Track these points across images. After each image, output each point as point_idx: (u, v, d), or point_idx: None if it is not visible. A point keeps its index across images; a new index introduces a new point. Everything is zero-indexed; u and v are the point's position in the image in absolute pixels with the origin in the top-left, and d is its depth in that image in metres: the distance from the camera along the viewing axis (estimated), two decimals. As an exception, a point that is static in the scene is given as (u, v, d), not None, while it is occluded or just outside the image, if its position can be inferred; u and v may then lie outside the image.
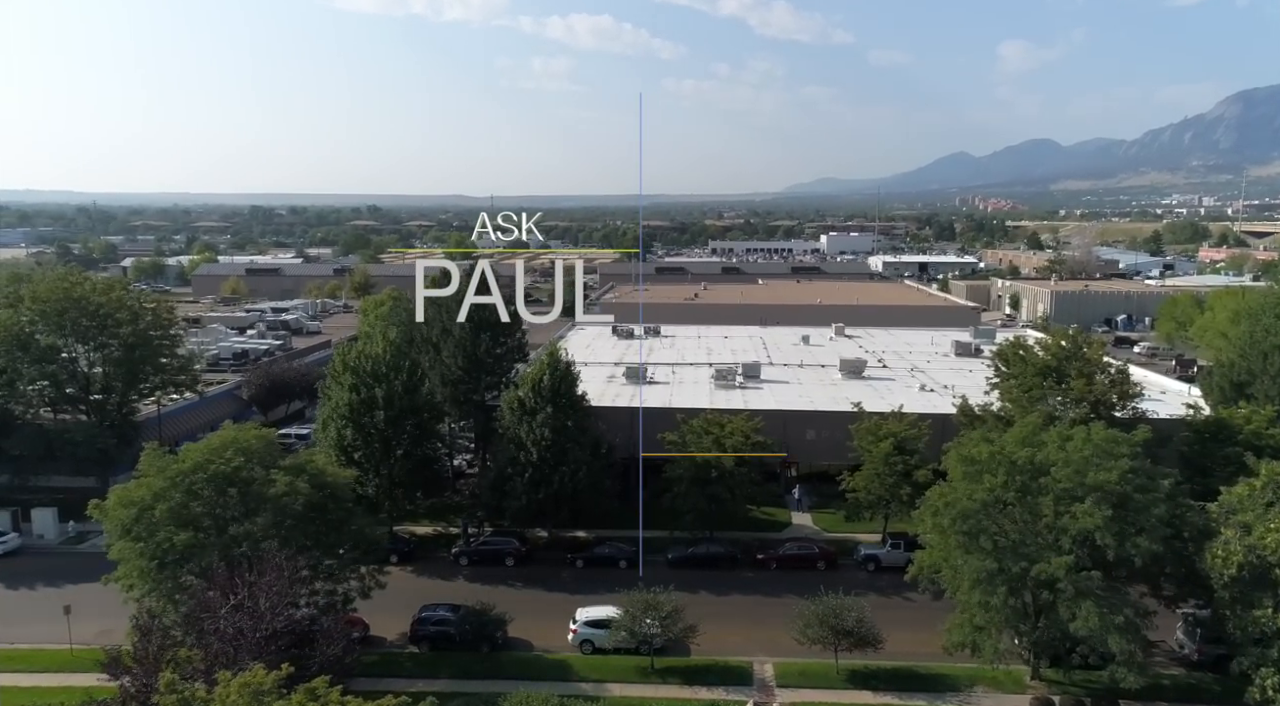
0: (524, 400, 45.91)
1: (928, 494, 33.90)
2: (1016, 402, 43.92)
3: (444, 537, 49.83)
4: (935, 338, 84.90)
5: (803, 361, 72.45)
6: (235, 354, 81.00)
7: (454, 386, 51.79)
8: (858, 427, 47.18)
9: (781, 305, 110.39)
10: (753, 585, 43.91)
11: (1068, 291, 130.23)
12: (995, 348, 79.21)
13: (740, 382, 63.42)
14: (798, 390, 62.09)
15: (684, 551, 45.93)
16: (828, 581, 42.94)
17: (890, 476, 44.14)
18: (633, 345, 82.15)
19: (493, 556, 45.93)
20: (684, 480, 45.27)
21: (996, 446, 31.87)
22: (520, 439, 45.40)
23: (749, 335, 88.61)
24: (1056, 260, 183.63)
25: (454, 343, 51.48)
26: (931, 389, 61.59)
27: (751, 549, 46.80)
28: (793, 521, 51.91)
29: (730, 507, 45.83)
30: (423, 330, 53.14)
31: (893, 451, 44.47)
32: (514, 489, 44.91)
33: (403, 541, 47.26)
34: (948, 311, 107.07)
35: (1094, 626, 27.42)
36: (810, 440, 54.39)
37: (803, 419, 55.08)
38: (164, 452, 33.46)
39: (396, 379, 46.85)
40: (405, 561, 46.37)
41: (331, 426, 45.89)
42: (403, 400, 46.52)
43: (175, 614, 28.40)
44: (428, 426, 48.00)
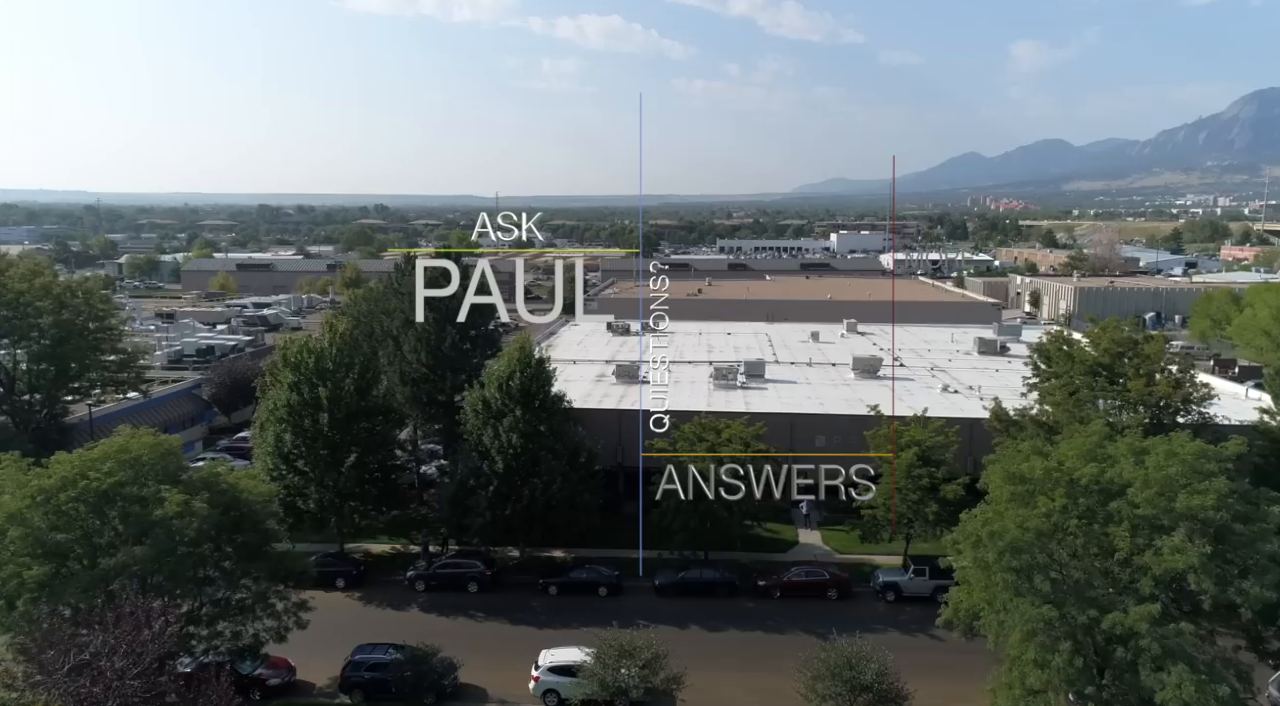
0: (489, 401, 39.87)
1: (964, 518, 27.67)
2: (1060, 406, 37.64)
3: (403, 557, 43.83)
4: (956, 335, 78.46)
5: (811, 359, 66.18)
6: (200, 350, 75.38)
7: (416, 385, 45.81)
8: (875, 434, 40.98)
9: (789, 301, 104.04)
10: (754, 618, 37.75)
11: (1093, 288, 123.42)
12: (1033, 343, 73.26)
13: (742, 382, 57.23)
14: (806, 391, 55.87)
15: (673, 576, 39.82)
16: (841, 614, 36.89)
17: (914, 491, 37.92)
18: (628, 342, 76.06)
19: (453, 581, 39.90)
20: (674, 496, 39.17)
21: (1053, 462, 25.61)
22: (484, 446, 39.37)
23: (754, 332, 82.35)
24: (1077, 256, 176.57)
25: (416, 335, 45.47)
26: (955, 390, 55.27)
27: (752, 573, 40.67)
28: (800, 540, 45.71)
29: (727, 525, 39.72)
30: (382, 322, 47.20)
31: (916, 462, 38.24)
32: (477, 504, 38.88)
33: (352, 563, 41.28)
34: (966, 308, 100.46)
35: (1189, 697, 21.13)
36: (820, 447, 48.15)
37: (812, 423, 48.87)
38: (28, 465, 27.53)
39: (347, 377, 40.94)
40: (354, 586, 40.37)
41: (269, 431, 39.99)
42: (353, 401, 40.58)
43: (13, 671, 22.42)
44: (383, 431, 42.01)
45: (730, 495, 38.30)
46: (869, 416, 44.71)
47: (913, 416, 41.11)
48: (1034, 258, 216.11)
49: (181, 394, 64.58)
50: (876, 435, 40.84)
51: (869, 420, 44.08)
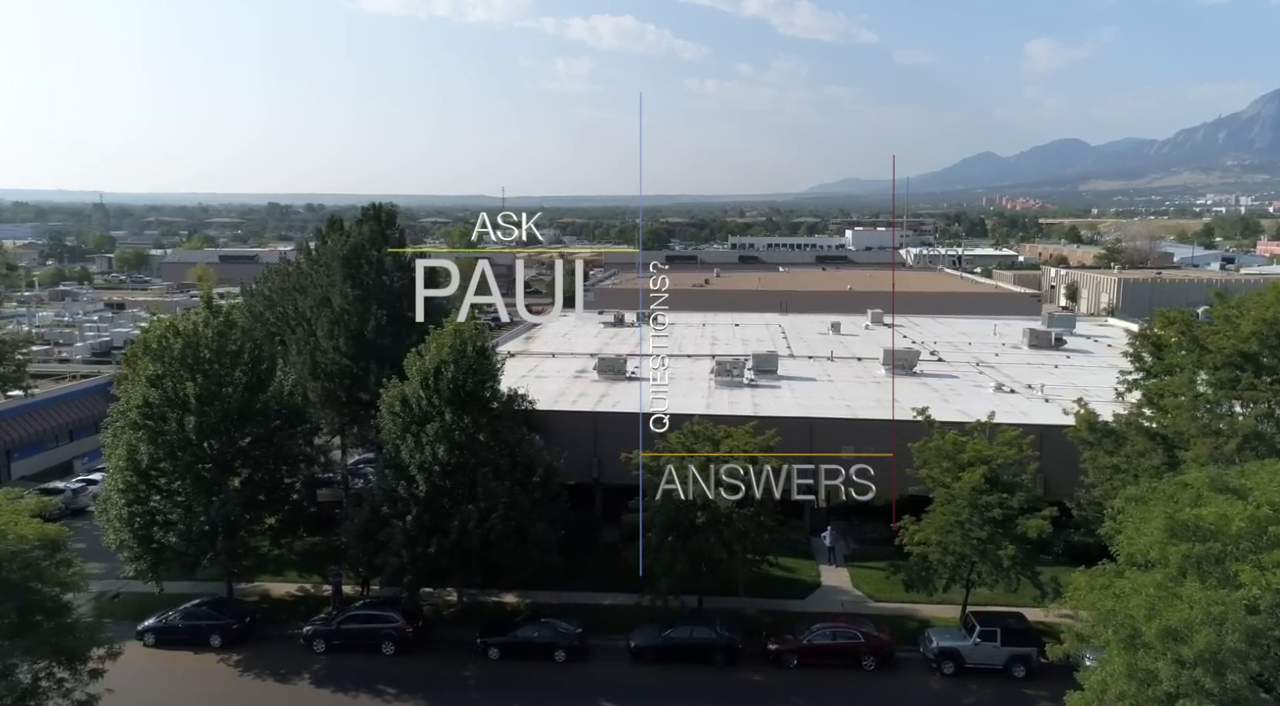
0: (411, 401, 30.03)
1: (1093, 585, 17.79)
2: (1182, 412, 27.49)
3: (314, 602, 34.16)
4: (998, 327, 68.18)
5: (833, 353, 56.09)
6: (130, 341, 65.76)
7: (332, 380, 36.02)
8: (923, 446, 30.93)
9: (805, 292, 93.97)
10: (762, 697, 27.79)
11: (1138, 280, 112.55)
12: (1092, 335, 62.58)
13: (750, 380, 47.23)
14: (828, 389, 45.82)
15: (655, 636, 29.89)
16: (883, 690, 27.23)
17: (980, 526, 27.85)
18: (620, 334, 66.28)
19: (362, 639, 30.10)
20: (654, 527, 29.30)
21: (1259, 507, 15.59)
22: (402, 461, 29.57)
23: (765, 323, 72.26)
24: (1114, 248, 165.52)
25: (332, 317, 35.69)
26: (1011, 389, 45.09)
27: (761, 631, 30.71)
28: (822, 581, 35.67)
29: (727, 567, 29.79)
30: (295, 301, 37.44)
31: (984, 486, 28.16)
32: (391, 537, 29.05)
33: (236, 612, 31.54)
34: (1003, 299, 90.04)
35: None
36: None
37: (836, 429, 38.83)
38: None
39: (235, 367, 31.29)
40: (235, 643, 30.64)
41: (122, 439, 30.33)
42: (238, 399, 30.91)
43: None
44: (281, 439, 32.25)
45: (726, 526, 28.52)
46: (913, 422, 34.88)
47: (975, 423, 31.00)
48: (1062, 253, 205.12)
49: (93, 391, 55.16)
50: (925, 448, 30.78)
51: (912, 428, 34.20)
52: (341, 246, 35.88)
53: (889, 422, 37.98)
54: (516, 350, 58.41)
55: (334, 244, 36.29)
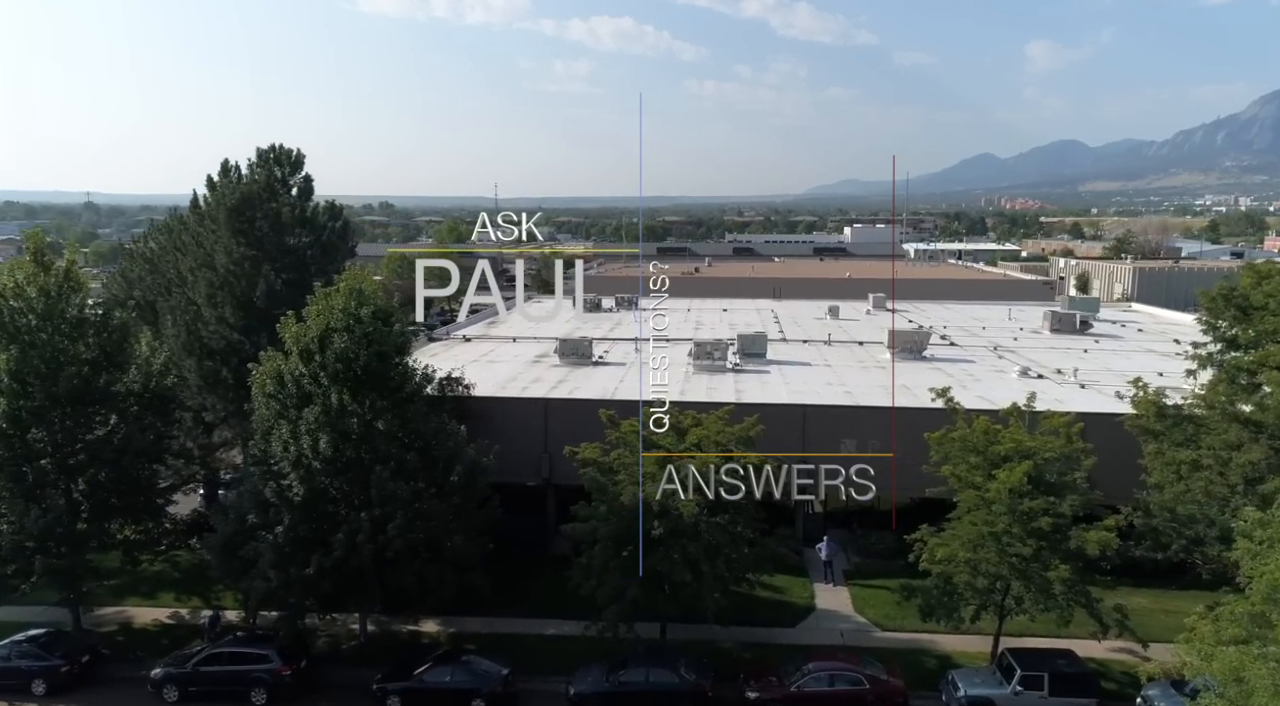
0: (288, 379, 23.40)
1: (1221, 636, 11.30)
2: (1285, 389, 20.98)
3: (185, 632, 27.55)
4: (1014, 312, 61.73)
5: (831, 337, 49.62)
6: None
7: (213, 358, 29.29)
8: (944, 438, 24.34)
9: (802, 279, 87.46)
10: (735, 766, 21.22)
11: (1154, 269, 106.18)
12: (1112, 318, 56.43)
13: (735, 364, 40.70)
14: (825, 375, 39.31)
15: (601, 680, 23.26)
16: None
17: (1023, 539, 21.25)
18: (593, 319, 59.70)
19: (226, 684, 23.48)
20: (600, 541, 22.70)
21: None
22: (272, 455, 22.98)
23: (756, 308, 65.78)
24: (1124, 240, 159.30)
25: (213, 279, 29.03)
26: (1039, 374, 38.55)
27: (740, 671, 24.12)
28: (817, 603, 29.07)
29: (693, 591, 23.13)
30: (176, 262, 30.72)
31: (1026, 488, 21.57)
32: (260, 555, 22.45)
33: (68, 650, 24.83)
34: (1014, 286, 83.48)
35: None
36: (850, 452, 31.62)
37: (835, 418, 32.31)
38: None
39: (79, 338, 24.76)
40: (65, 690, 24.00)
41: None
42: (79, 379, 24.36)
43: None
44: (133, 431, 25.62)
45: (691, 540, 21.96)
46: (925, 411, 28.52)
47: (1010, 408, 24.39)
48: (1067, 248, 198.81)
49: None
50: (947, 440, 24.18)
51: (925, 417, 27.82)
52: (230, 195, 29.28)
53: (899, 411, 31.66)
54: (476, 334, 51.98)
55: (222, 191, 29.70)
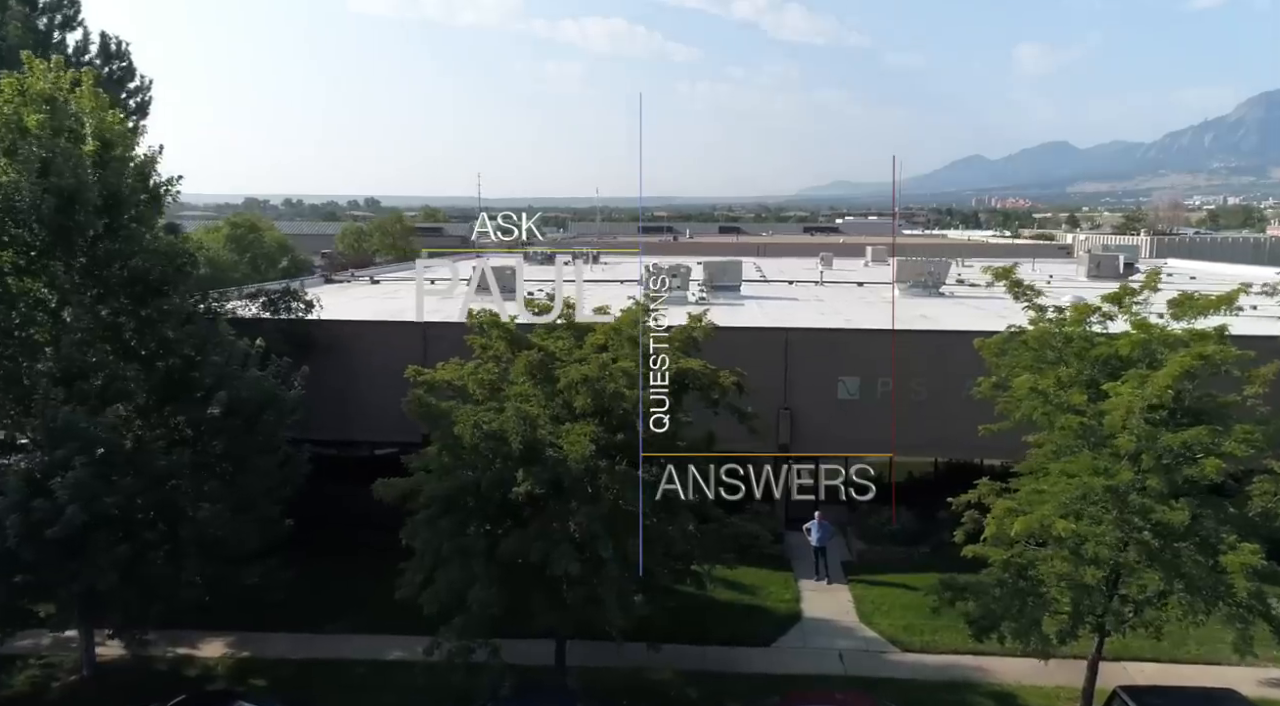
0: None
1: None
2: None
3: None
4: (1037, 266, 52.66)
5: (823, 277, 40.56)
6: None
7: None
8: (1007, 342, 15.03)
9: (790, 244, 78.63)
10: None
11: (1173, 240, 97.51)
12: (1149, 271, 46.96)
13: (699, 297, 31.40)
14: (816, 308, 30.12)
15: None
16: None
17: (1168, 501, 11.98)
18: (539, 270, 50.15)
19: None
20: (431, 500, 13.35)
21: None
22: None
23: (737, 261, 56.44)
24: (1134, 218, 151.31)
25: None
26: (1095, 308, 29.33)
27: (676, 720, 14.84)
28: (804, 608, 19.65)
29: (589, 591, 13.61)
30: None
31: (1167, 408, 12.29)
32: None
33: None
34: (1029, 249, 74.59)
35: None
36: (847, 391, 22.37)
37: (828, 346, 23.06)
38: None
39: None
40: None
41: None
42: None
43: None
44: None
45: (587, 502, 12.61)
46: (962, 333, 19.73)
47: (1121, 289, 15.06)
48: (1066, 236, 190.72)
49: None
50: (1014, 343, 14.93)
51: (959, 342, 18.89)
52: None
53: (920, 334, 22.60)
54: (389, 277, 42.75)
55: None
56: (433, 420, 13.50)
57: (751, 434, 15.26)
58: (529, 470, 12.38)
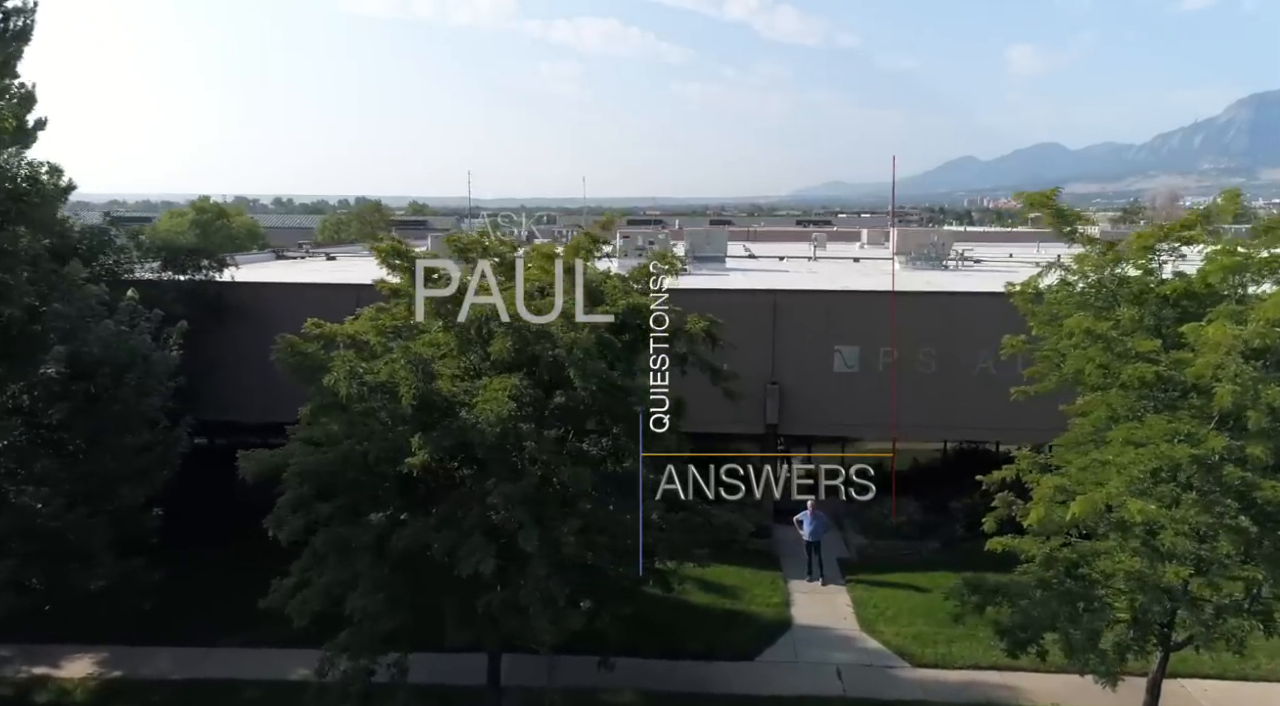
0: None
1: None
2: None
3: None
4: (1043, 248, 49.93)
5: (816, 254, 37.81)
6: None
7: None
8: (1057, 289, 12.06)
9: (781, 230, 75.86)
10: None
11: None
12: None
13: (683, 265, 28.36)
14: (807, 279, 27.21)
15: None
16: None
17: (1272, 477, 9.07)
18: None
19: None
20: (301, 477, 10.31)
21: None
22: None
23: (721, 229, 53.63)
24: (1134, 209, 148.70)
25: None
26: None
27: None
28: (795, 614, 16.64)
29: (510, 598, 10.54)
30: None
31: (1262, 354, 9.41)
32: None
33: None
34: (1030, 235, 71.89)
35: None
36: (845, 362, 19.41)
37: (820, 311, 20.08)
38: None
39: None
40: None
41: None
42: None
43: None
44: None
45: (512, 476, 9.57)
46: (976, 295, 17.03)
47: (1192, 215, 12.13)
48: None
49: None
50: (1061, 286, 11.97)
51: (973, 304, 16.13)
52: None
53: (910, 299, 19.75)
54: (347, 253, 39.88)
55: None
56: (306, 373, 10.43)
57: (728, 397, 12.29)
58: (428, 435, 9.33)
